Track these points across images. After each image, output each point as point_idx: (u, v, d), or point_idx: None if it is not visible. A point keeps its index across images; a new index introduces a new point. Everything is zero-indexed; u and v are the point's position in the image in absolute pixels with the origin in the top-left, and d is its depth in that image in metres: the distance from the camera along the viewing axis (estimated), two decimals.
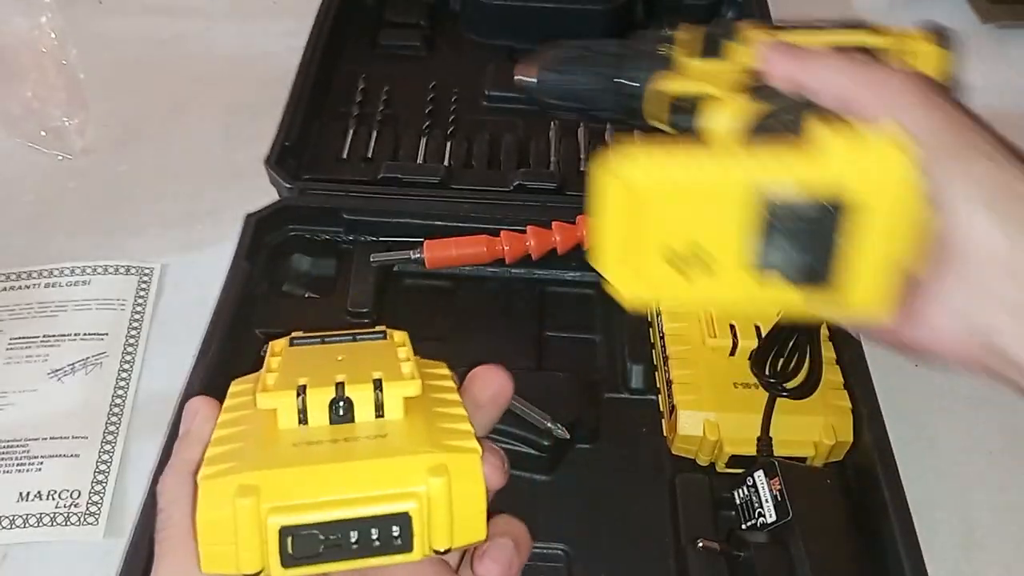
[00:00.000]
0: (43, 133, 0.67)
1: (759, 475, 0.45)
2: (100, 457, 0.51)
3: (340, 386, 0.29)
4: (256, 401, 0.29)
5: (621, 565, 0.46)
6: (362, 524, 0.27)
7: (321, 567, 0.27)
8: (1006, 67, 0.78)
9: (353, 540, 0.27)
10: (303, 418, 0.29)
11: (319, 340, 0.34)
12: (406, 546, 0.27)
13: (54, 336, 0.57)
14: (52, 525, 0.48)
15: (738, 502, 0.46)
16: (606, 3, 0.74)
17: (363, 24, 0.77)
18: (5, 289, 0.59)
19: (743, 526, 0.45)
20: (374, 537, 0.27)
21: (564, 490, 0.49)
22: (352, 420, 0.29)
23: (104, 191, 0.66)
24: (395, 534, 0.27)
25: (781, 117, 0.36)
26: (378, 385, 0.29)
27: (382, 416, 0.29)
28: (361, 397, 0.29)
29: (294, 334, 0.35)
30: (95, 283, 0.60)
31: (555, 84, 0.48)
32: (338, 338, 0.34)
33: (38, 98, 0.67)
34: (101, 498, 0.49)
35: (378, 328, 0.35)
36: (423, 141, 0.66)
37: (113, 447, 0.52)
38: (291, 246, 0.60)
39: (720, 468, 0.48)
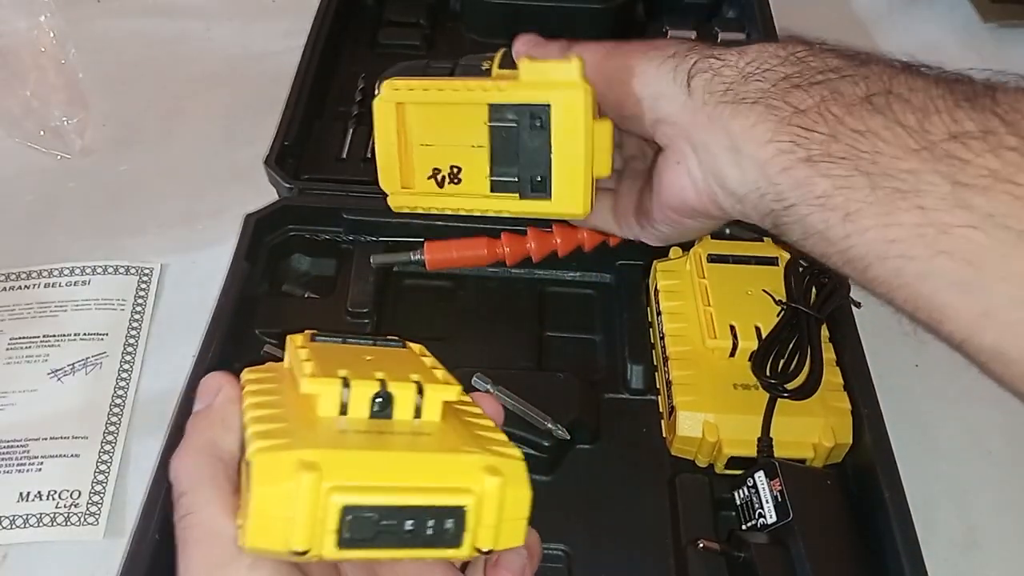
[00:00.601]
0: (42, 133, 0.67)
1: (759, 476, 0.45)
2: (100, 457, 0.51)
3: (382, 382, 0.30)
4: (300, 385, 0.29)
5: (621, 565, 0.46)
6: (420, 513, 0.27)
7: (370, 552, 0.27)
8: (1007, 66, 0.78)
9: (407, 529, 0.27)
10: (344, 409, 0.29)
11: (340, 339, 0.35)
12: (455, 541, 0.27)
13: (54, 336, 0.57)
14: (52, 525, 0.48)
15: (738, 503, 0.46)
16: (606, 3, 0.74)
17: (363, 23, 0.77)
18: (5, 289, 0.59)
19: (743, 527, 0.45)
20: (428, 528, 0.27)
21: (564, 491, 0.49)
22: (390, 417, 0.30)
23: (104, 191, 0.66)
24: (447, 528, 0.27)
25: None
26: (419, 388, 0.30)
27: (419, 418, 0.30)
28: (403, 395, 0.30)
29: (310, 332, 0.35)
30: (95, 283, 0.60)
31: None
32: (358, 340, 0.35)
33: (37, 98, 0.67)
34: (101, 498, 0.49)
35: (392, 336, 0.36)
36: None
37: (113, 447, 0.52)
38: (291, 246, 0.60)
39: (719, 470, 0.48)
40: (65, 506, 0.49)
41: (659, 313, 0.53)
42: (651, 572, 0.46)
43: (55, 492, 0.50)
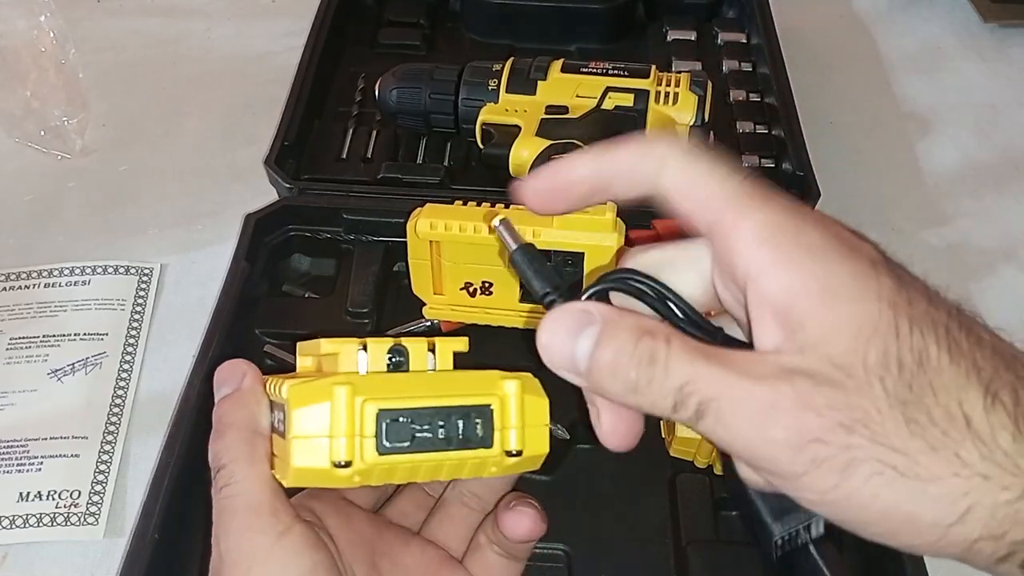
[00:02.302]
0: (43, 133, 0.67)
1: None
2: (100, 457, 0.51)
3: (396, 341, 0.31)
4: (319, 347, 0.31)
5: (621, 565, 0.46)
6: (450, 414, 0.29)
7: (410, 457, 0.28)
8: (1007, 66, 0.78)
9: (441, 432, 0.29)
10: (363, 366, 0.31)
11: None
12: (486, 441, 0.29)
13: (54, 336, 0.57)
14: (52, 525, 0.48)
15: None
16: (606, 3, 0.74)
17: (363, 23, 0.77)
18: (5, 289, 0.59)
19: None
20: (459, 429, 0.29)
21: (564, 491, 0.49)
22: (407, 370, 0.31)
23: (104, 191, 0.66)
24: (477, 428, 0.29)
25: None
26: (431, 346, 0.32)
27: (435, 369, 0.32)
28: (416, 349, 0.32)
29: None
30: (95, 283, 0.59)
31: (403, 99, 0.63)
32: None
33: (38, 98, 0.67)
34: (101, 498, 0.49)
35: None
36: (423, 141, 0.66)
37: (113, 447, 0.52)
38: (291, 246, 0.60)
39: (718, 471, 0.48)
40: (65, 506, 0.49)
41: None
42: (651, 572, 0.46)
43: (55, 492, 0.50)
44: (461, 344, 0.32)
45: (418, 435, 0.28)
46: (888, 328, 0.24)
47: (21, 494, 0.49)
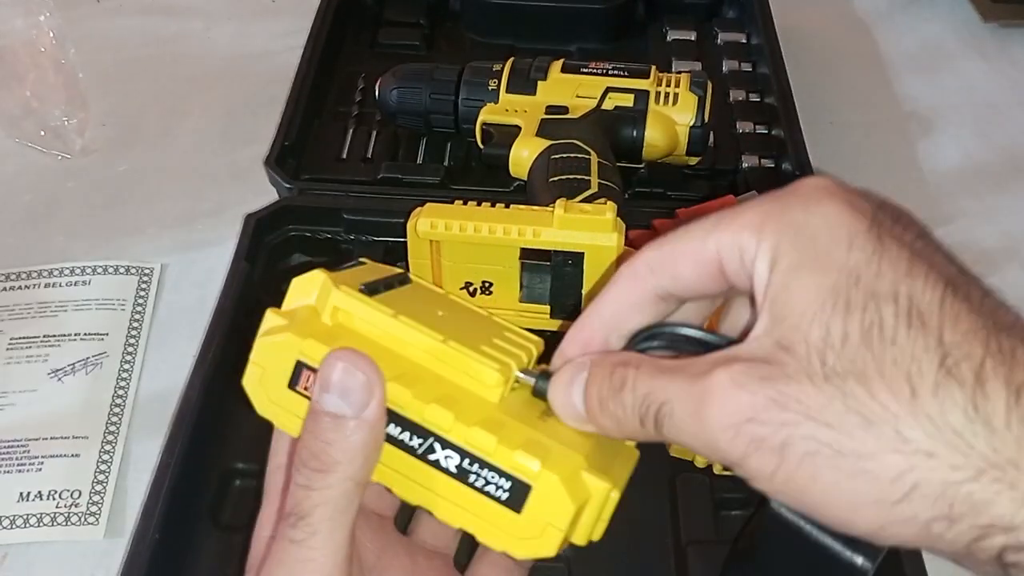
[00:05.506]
0: (42, 133, 0.67)
1: None
2: (100, 457, 0.51)
3: (543, 369, 0.32)
4: (465, 367, 0.31)
5: (621, 565, 0.46)
6: None
7: None
8: (1008, 66, 0.78)
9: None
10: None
11: (359, 268, 0.39)
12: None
13: (54, 336, 0.57)
14: (52, 525, 0.48)
15: None
16: (606, 3, 0.74)
17: (363, 23, 0.77)
18: (5, 289, 0.59)
19: None
20: None
21: None
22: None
23: (104, 191, 0.66)
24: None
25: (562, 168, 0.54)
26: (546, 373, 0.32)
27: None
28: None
29: (320, 272, 0.36)
30: (95, 283, 0.59)
31: (403, 99, 0.63)
32: (380, 280, 0.38)
33: (37, 98, 0.67)
34: (101, 498, 0.49)
35: (399, 270, 0.38)
36: (423, 141, 0.66)
37: (113, 447, 0.52)
38: (291, 246, 0.60)
39: (718, 471, 0.48)
40: (65, 506, 0.49)
41: None
42: (651, 572, 0.46)
43: (55, 492, 0.50)
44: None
45: None
46: (837, 302, 0.24)
47: (21, 494, 0.49)
